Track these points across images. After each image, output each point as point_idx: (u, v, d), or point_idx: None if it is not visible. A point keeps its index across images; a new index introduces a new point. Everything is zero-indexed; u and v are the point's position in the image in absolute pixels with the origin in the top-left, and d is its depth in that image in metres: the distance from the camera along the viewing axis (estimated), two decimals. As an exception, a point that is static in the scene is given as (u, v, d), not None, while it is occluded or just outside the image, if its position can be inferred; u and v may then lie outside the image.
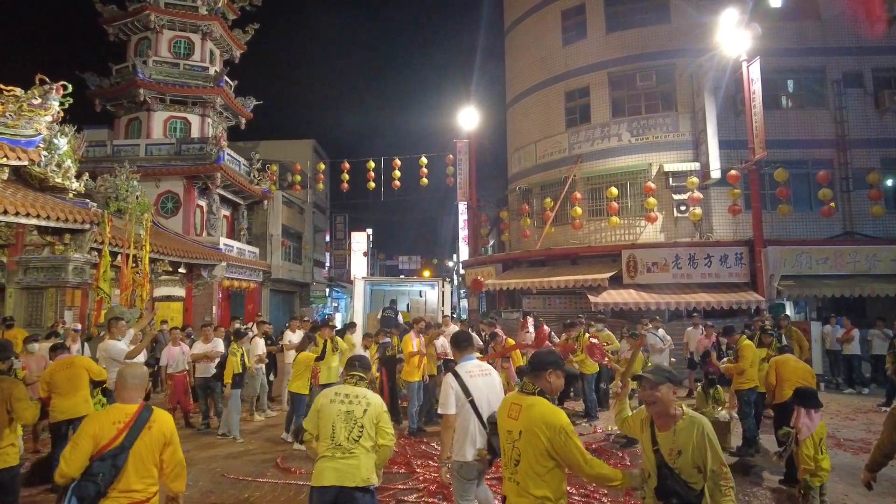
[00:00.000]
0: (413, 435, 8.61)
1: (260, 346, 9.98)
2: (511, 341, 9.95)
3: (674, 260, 15.24)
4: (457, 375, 4.08)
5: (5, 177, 11.53)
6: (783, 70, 16.63)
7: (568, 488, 5.81)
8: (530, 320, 11.22)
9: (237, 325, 11.79)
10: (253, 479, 6.52)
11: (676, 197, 16.42)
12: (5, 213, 10.16)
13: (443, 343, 9.31)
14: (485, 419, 3.94)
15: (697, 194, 15.66)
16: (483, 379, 4.12)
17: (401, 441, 8.02)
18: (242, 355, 8.68)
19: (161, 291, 17.71)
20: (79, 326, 10.26)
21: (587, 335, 9.81)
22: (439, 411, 4.16)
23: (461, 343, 4.36)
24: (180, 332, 10.65)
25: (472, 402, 3.97)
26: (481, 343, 10.66)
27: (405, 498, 5.69)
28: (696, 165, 16.31)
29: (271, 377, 11.42)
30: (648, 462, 2.99)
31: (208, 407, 9.45)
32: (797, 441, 4.82)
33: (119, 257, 12.90)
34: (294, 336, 10.30)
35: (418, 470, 6.65)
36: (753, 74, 14.55)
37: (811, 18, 16.78)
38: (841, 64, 16.47)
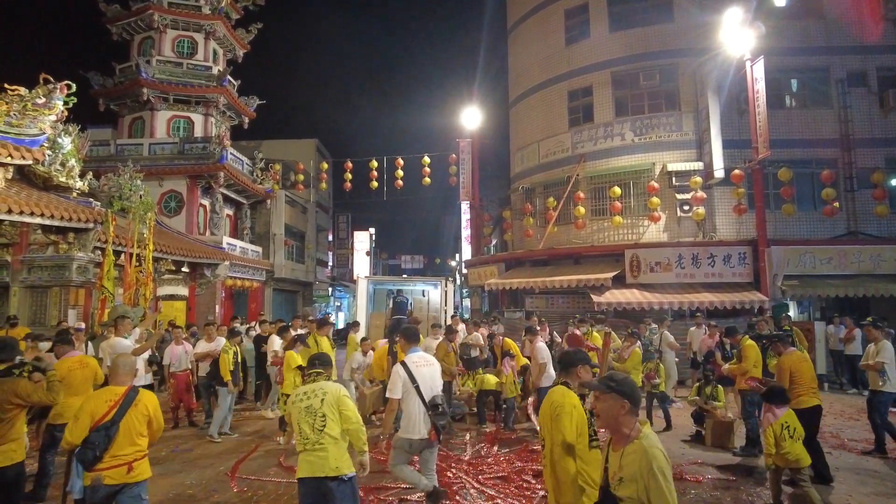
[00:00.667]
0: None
1: (276, 342, 9.79)
2: (509, 341, 9.95)
3: (677, 260, 15.21)
4: (405, 365, 4.78)
5: (10, 176, 11.57)
6: (787, 69, 16.58)
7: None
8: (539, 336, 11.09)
9: (235, 324, 11.79)
10: (256, 477, 6.53)
11: (680, 196, 16.39)
12: (10, 212, 10.20)
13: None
14: (427, 402, 4.66)
15: (701, 194, 15.63)
16: (427, 368, 4.86)
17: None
18: (236, 353, 8.65)
19: (164, 290, 17.74)
20: (82, 325, 10.27)
21: (593, 331, 9.80)
22: (387, 395, 4.93)
23: (410, 337, 5.20)
24: (184, 330, 10.66)
25: (418, 388, 4.68)
26: (482, 342, 10.68)
27: (408, 497, 5.69)
28: (699, 165, 16.27)
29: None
30: (597, 476, 2.78)
31: (211, 406, 9.46)
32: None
33: (122, 256, 12.95)
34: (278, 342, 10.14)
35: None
36: (757, 74, 14.52)
37: (815, 17, 16.72)
38: (845, 63, 16.41)
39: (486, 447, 7.58)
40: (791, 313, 15.74)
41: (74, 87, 12.29)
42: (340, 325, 29.23)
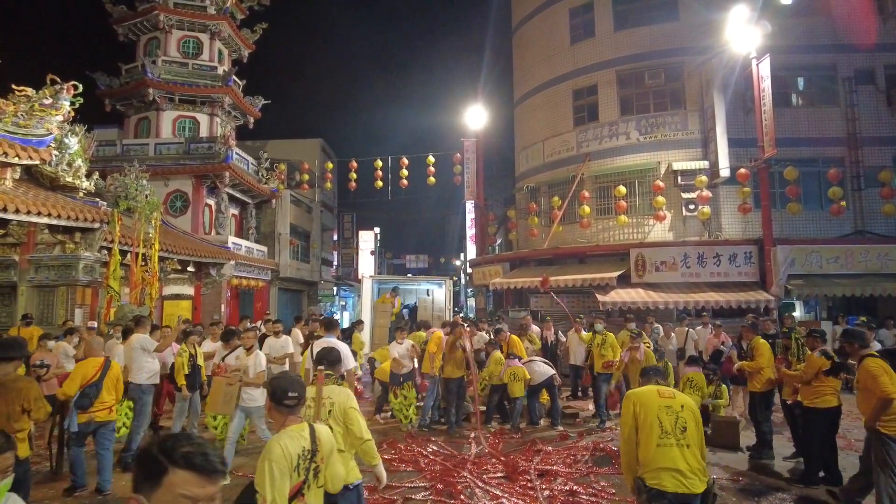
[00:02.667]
0: (426, 428, 8.67)
1: (290, 344, 9.61)
2: (515, 339, 9.97)
3: (682, 259, 15.16)
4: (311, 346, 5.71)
5: (17, 176, 11.63)
6: (793, 67, 16.49)
7: (575, 487, 5.80)
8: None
9: (247, 324, 11.81)
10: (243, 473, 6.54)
11: (685, 195, 16.32)
12: (17, 212, 10.26)
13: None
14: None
15: (706, 193, 15.56)
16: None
17: (409, 439, 8.03)
18: (192, 356, 8.05)
19: (170, 290, 17.81)
20: (94, 324, 10.32)
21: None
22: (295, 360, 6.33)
23: (329, 326, 6.52)
24: (176, 328, 10.36)
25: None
26: (487, 336, 10.72)
27: (413, 496, 5.69)
28: (705, 164, 16.20)
29: None
30: None
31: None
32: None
33: (129, 256, 13.00)
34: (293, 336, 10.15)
35: (426, 467, 6.65)
36: (763, 72, 14.44)
37: (822, 15, 16.61)
38: (852, 61, 16.30)
39: (492, 447, 7.57)
40: (797, 313, 15.69)
41: (81, 87, 12.33)
42: (345, 325, 29.25)
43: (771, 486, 6.16)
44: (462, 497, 5.62)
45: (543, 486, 5.80)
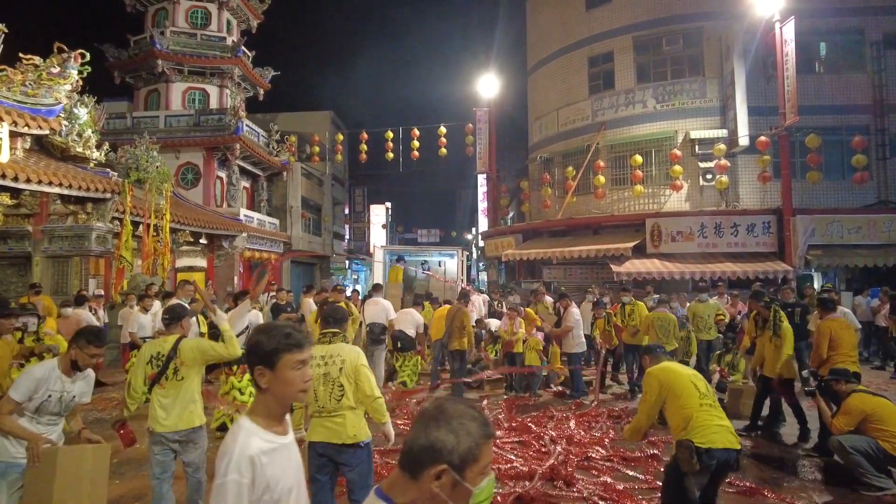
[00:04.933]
0: (432, 392, 8.70)
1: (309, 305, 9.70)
2: (531, 311, 9.87)
3: (699, 229, 14.90)
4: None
5: (28, 146, 11.60)
6: (818, 32, 15.89)
7: (590, 453, 5.72)
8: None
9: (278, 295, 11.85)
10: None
11: (702, 165, 15.97)
12: (28, 181, 10.23)
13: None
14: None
15: (724, 162, 15.21)
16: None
17: (416, 405, 8.02)
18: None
19: (183, 262, 17.89)
20: (101, 293, 10.38)
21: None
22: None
23: (376, 288, 7.97)
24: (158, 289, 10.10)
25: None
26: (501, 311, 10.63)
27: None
28: (723, 132, 15.79)
29: None
30: None
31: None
32: None
33: (140, 227, 13.01)
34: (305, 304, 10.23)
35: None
36: (787, 35, 13.93)
37: (850, -25, 15.95)
38: (881, 24, 15.69)
39: (505, 412, 7.53)
40: (816, 284, 15.41)
41: (88, 55, 12.18)
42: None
43: (781, 453, 6.08)
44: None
45: (559, 451, 5.75)
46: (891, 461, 4.60)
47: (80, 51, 12.14)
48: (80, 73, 12.07)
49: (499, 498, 4.66)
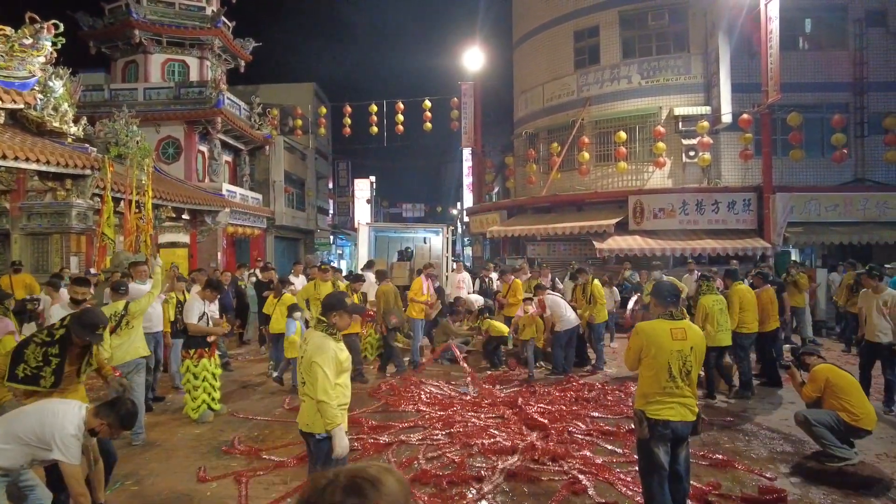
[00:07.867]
0: (415, 368, 8.88)
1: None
2: (518, 282, 10.15)
3: (681, 206, 15.09)
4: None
5: (1, 121, 11.33)
6: (802, 8, 15.88)
7: (570, 428, 5.92)
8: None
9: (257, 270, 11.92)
10: (263, 418, 6.68)
11: (686, 142, 16.08)
12: (4, 157, 10.00)
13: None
14: None
15: (707, 139, 15.33)
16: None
17: (405, 379, 8.16)
18: (179, 302, 7.61)
19: (165, 238, 17.71)
20: (94, 271, 10.29)
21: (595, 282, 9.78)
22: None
23: (369, 265, 8.30)
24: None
25: None
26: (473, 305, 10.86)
27: (409, 437, 5.79)
28: (707, 109, 15.88)
29: None
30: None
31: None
32: None
33: (122, 203, 12.82)
34: (298, 281, 10.35)
35: (423, 409, 6.77)
36: (772, 13, 13.93)
37: (835, -49, 15.91)
38: (864, 1, 15.73)
39: (488, 387, 7.69)
40: (795, 259, 15.75)
41: (62, 26, 11.84)
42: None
43: (752, 427, 6.33)
44: (461, 433, 5.73)
45: (541, 427, 5.92)
46: (851, 432, 4.83)
47: (53, 21, 11.79)
48: (53, 44, 11.74)
49: (482, 472, 4.83)
